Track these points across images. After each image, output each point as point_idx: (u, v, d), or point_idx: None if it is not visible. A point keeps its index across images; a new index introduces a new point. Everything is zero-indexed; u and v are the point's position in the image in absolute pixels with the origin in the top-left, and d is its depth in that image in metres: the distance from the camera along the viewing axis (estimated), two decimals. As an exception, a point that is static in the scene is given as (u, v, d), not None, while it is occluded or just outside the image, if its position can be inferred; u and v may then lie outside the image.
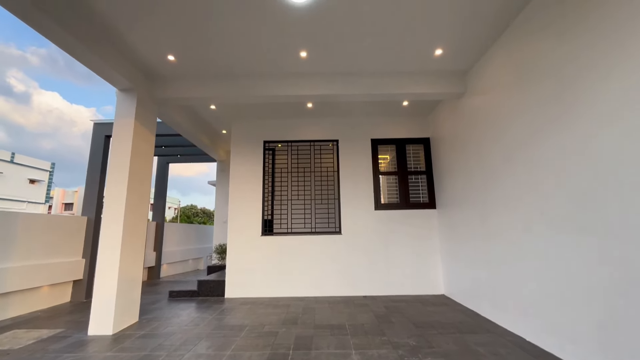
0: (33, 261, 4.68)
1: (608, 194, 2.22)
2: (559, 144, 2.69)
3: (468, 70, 4.35)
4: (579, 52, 2.49)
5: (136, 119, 4.08)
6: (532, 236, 3.04)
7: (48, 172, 43.34)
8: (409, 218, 5.61)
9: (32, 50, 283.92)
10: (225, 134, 7.01)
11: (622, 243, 2.11)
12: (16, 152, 40.03)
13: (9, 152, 38.61)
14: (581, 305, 2.46)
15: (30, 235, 4.71)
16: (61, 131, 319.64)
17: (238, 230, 5.66)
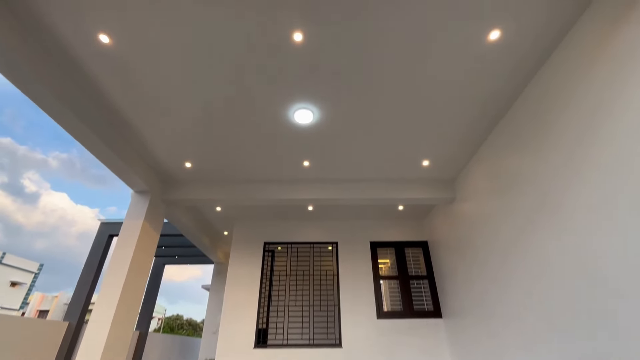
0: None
1: (607, 299, 2.22)
2: (544, 248, 2.81)
3: (455, 178, 4.80)
4: (545, 161, 2.87)
5: (145, 219, 4.29)
6: (543, 353, 2.83)
7: (33, 273, 41.34)
8: (415, 329, 5.21)
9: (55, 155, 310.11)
10: (226, 235, 7.12)
11: (632, 348, 2.00)
12: (8, 252, 39.04)
13: (0, 252, 37.66)
14: None
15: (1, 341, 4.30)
16: (59, 231, 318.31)
17: (229, 340, 5.18)
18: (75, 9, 2.44)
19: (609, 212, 2.23)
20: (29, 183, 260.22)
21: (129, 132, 3.78)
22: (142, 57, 2.83)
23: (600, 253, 2.30)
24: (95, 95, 3.24)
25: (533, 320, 3.02)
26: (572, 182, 2.58)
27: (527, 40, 2.70)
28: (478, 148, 4.11)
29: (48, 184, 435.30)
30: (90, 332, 3.57)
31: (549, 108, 2.85)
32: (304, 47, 2.74)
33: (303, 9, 2.45)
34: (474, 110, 3.47)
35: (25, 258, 40.50)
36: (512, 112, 3.40)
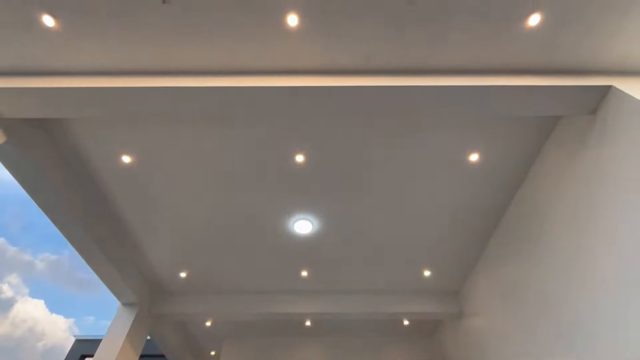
0: None
1: None
2: None
3: (458, 290, 4.61)
4: (542, 267, 2.84)
5: (127, 337, 3.92)
6: None
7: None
8: None
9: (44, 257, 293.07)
10: (213, 356, 6.33)
11: None
12: (-46, 376, 33.54)
13: (-55, 376, 32.31)
14: None
15: None
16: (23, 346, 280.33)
17: None
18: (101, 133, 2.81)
19: (613, 312, 2.12)
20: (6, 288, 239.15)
21: (129, 240, 3.82)
22: (156, 175, 3.11)
23: None
24: (103, 208, 3.41)
25: None
26: (571, 285, 2.53)
27: (504, 160, 3.04)
28: (478, 258, 4.10)
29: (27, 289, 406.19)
30: None
31: (537, 215, 3.02)
32: (306, 166, 3.06)
33: (306, 137, 2.85)
34: (469, 221, 3.62)
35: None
36: (505, 220, 3.54)
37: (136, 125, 2.76)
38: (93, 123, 2.73)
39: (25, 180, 2.80)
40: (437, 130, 2.82)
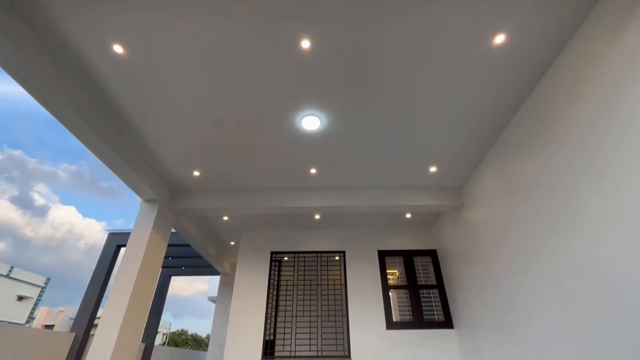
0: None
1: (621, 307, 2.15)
2: (556, 254, 2.75)
3: (462, 185, 4.77)
4: (555, 163, 2.84)
5: (153, 228, 4.30)
6: (564, 356, 2.74)
7: (40, 288, 41.45)
8: (426, 340, 5.07)
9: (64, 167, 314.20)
10: (233, 246, 7.10)
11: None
12: (16, 266, 39.32)
13: (7, 266, 37.96)
14: None
15: (7, 350, 4.27)
16: (66, 245, 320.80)
17: (236, 351, 5.10)
18: (91, 23, 2.53)
19: (623, 216, 2.19)
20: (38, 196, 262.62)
21: (139, 141, 3.85)
22: (155, 67, 2.90)
23: (614, 258, 2.24)
24: (108, 105, 3.32)
25: (546, 328, 2.93)
26: (582, 184, 2.54)
27: (533, 43, 2.72)
28: (486, 153, 4.09)
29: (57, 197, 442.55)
30: (97, 343, 3.54)
31: (559, 109, 2.85)
32: (311, 54, 2.80)
33: (310, 18, 2.52)
34: (481, 114, 3.47)
35: (32, 272, 40.71)
36: (520, 114, 3.39)
37: (125, 10, 2.45)
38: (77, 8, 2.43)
39: (27, 82, 2.70)
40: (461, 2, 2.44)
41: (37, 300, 41.95)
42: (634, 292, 2.10)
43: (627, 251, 2.16)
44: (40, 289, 41.68)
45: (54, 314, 48.34)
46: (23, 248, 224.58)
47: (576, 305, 2.61)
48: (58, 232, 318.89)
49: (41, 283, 41.84)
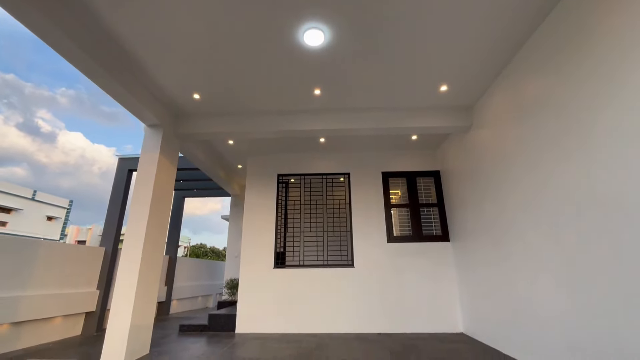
0: (48, 290, 4.72)
1: (619, 224, 2.25)
2: (562, 176, 2.77)
3: (473, 105, 4.58)
4: (573, 87, 2.66)
5: (161, 153, 4.36)
6: (549, 274, 3.00)
7: (65, 209, 44.56)
8: (423, 251, 5.55)
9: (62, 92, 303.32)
10: (240, 169, 7.29)
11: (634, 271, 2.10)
12: (37, 190, 41.60)
13: (30, 190, 40.19)
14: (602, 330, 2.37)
15: (48, 264, 4.80)
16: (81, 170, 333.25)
17: (250, 262, 5.68)
18: None
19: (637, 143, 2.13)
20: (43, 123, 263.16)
21: (136, 65, 3.64)
22: (134, -29, 2.56)
23: (621, 185, 2.26)
24: (99, 28, 3.04)
25: (539, 245, 3.15)
26: (598, 98, 2.42)
27: None
28: (501, 71, 3.82)
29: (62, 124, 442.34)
30: (126, 257, 3.94)
31: (582, 23, 2.54)
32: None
33: None
34: (498, 27, 3.13)
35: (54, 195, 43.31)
36: (542, 28, 3.06)
37: None
38: None
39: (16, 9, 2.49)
40: None
41: (65, 220, 45.52)
42: (633, 216, 2.18)
43: (635, 177, 2.17)
44: (66, 210, 44.85)
45: (84, 231, 52.92)
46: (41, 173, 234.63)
47: (572, 226, 2.74)
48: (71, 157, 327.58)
49: (65, 205, 44.79)
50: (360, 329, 5.21)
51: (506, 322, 3.79)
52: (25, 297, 4.32)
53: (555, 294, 2.93)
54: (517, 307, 3.57)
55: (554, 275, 2.94)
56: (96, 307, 5.51)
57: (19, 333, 4.32)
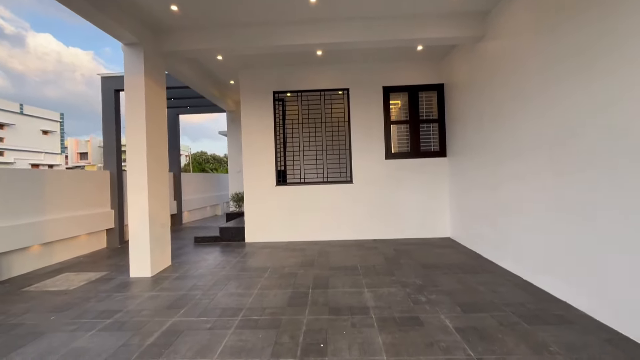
0: (67, 214, 5.07)
1: (619, 149, 2.26)
2: (575, 97, 2.65)
3: (489, 10, 4.05)
4: None
5: (146, 74, 4.06)
6: (538, 187, 3.15)
7: (59, 122, 43.72)
8: (419, 167, 5.72)
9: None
10: (233, 85, 6.89)
11: (623, 196, 2.22)
12: (22, 103, 40.05)
13: (17, 104, 38.67)
14: (575, 248, 2.67)
15: (61, 191, 5.02)
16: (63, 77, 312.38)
17: (253, 180, 5.91)
18: None
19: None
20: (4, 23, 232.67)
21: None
22: None
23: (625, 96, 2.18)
24: None
25: (533, 158, 3.23)
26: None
27: None
28: (529, -35, 3.24)
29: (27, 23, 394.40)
30: (132, 180, 4.06)
31: None
32: None
33: None
34: None
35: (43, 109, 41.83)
36: None
37: None
38: None
39: None
40: None
41: (62, 133, 45.16)
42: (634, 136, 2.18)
43: None
44: (60, 123, 44.05)
45: (82, 143, 52.99)
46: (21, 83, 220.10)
47: (570, 145, 2.76)
48: (48, 63, 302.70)
49: (57, 117, 43.75)
50: (358, 236, 5.77)
51: (492, 231, 4.19)
52: (49, 221, 4.68)
53: (535, 213, 3.16)
54: (504, 219, 3.89)
55: (539, 195, 3.12)
56: (115, 223, 5.98)
57: (52, 251, 4.81)
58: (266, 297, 3.19)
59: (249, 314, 2.80)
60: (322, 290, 3.33)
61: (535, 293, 3.04)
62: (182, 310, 2.92)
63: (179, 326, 2.61)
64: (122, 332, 2.55)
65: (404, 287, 3.32)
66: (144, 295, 3.36)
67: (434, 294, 3.10)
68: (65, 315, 2.92)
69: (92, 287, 3.70)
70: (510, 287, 3.21)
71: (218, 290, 3.44)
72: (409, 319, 2.59)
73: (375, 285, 3.42)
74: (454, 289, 3.22)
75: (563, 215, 2.83)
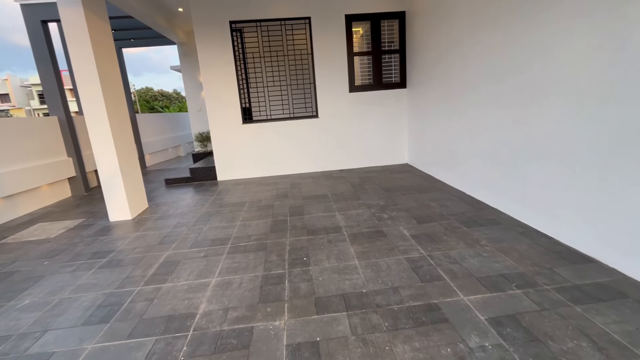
0: (25, 164, 4.81)
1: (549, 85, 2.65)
2: (514, 39, 2.91)
3: None
4: None
5: (84, 4, 3.61)
6: (484, 118, 3.58)
7: (-39, 58, 36.43)
8: (381, 99, 5.95)
9: None
10: (182, 12, 6.22)
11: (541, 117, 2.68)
12: None
13: None
14: (507, 166, 3.24)
15: (8, 141, 4.66)
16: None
17: (218, 119, 5.83)
18: None
19: None
20: None
21: None
22: None
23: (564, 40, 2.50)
24: None
25: (481, 92, 3.61)
26: None
27: None
28: None
29: None
30: (94, 127, 3.89)
31: None
32: None
33: None
34: None
35: None
36: None
37: None
38: None
39: None
40: None
41: (-32, 71, 38.08)
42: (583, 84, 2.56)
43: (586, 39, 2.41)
44: (-38, 59, 36.71)
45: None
46: None
47: (507, 81, 3.12)
48: None
49: (-43, 52, 36.22)
50: (326, 167, 6.17)
51: (444, 156, 4.74)
52: (2, 174, 4.43)
53: (479, 139, 3.66)
54: (454, 145, 4.41)
55: (484, 125, 3.58)
56: (76, 171, 5.77)
57: (14, 204, 4.66)
58: (249, 227, 3.55)
59: (236, 242, 3.16)
60: (298, 216, 3.75)
61: (474, 204, 3.70)
62: (173, 245, 3.21)
63: (175, 257, 2.92)
64: (121, 267, 2.81)
65: (369, 208, 3.83)
66: (131, 236, 3.57)
67: (395, 212, 3.65)
68: (57, 260, 3.08)
69: (74, 233, 3.81)
70: (456, 201, 3.85)
71: (202, 225, 3.73)
72: (375, 233, 3.11)
73: (344, 208, 3.90)
74: (411, 206, 3.79)
75: (502, 142, 3.33)
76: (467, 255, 2.52)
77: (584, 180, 2.36)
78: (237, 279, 2.45)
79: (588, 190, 2.33)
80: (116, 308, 2.18)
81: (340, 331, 1.78)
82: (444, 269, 2.35)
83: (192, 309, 2.10)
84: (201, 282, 2.43)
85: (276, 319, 1.92)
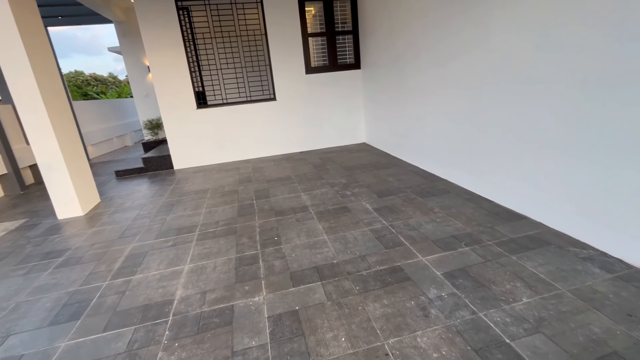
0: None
1: (487, 60, 2.94)
2: (457, 28, 3.16)
3: None
4: None
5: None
6: (432, 98, 3.86)
7: None
8: (337, 80, 6.06)
9: None
10: (118, -13, 5.67)
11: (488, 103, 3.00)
12: None
13: None
14: (455, 141, 3.57)
15: None
16: None
17: (170, 105, 5.54)
18: None
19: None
20: None
21: None
22: None
23: (498, 23, 2.77)
24: None
25: (430, 75, 3.87)
26: None
27: None
28: None
29: None
30: (27, 117, 3.52)
31: None
32: None
33: None
34: None
35: None
36: None
37: None
38: None
39: None
40: None
41: None
42: (493, 55, 2.85)
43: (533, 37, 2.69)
44: None
45: None
46: None
47: (449, 67, 3.39)
48: None
49: None
50: (286, 150, 6.21)
51: (399, 134, 5.03)
52: None
53: (430, 118, 3.96)
54: (408, 124, 4.69)
55: (433, 105, 3.87)
56: (7, 169, 5.18)
57: (-64, 208, 4.11)
58: (215, 213, 3.54)
59: (204, 228, 3.15)
60: (264, 199, 3.80)
61: (428, 177, 4.04)
62: (137, 237, 3.11)
63: (141, 249, 2.85)
64: (82, 264, 2.69)
65: (333, 187, 4.00)
66: (87, 232, 3.37)
67: (356, 188, 3.86)
68: (3, 264, 2.84)
69: (18, 235, 3.50)
70: (412, 175, 4.16)
71: (165, 215, 3.63)
72: (340, 209, 3.29)
73: (309, 189, 4.03)
74: (371, 182, 4.03)
75: (448, 120, 3.64)
76: (423, 222, 2.80)
77: (515, 151, 2.72)
78: (210, 263, 2.48)
79: (518, 158, 2.69)
80: (85, 304, 2.12)
81: (316, 299, 1.93)
82: (404, 236, 2.60)
83: (169, 296, 2.12)
84: (174, 270, 2.43)
85: (255, 296, 2.02)
